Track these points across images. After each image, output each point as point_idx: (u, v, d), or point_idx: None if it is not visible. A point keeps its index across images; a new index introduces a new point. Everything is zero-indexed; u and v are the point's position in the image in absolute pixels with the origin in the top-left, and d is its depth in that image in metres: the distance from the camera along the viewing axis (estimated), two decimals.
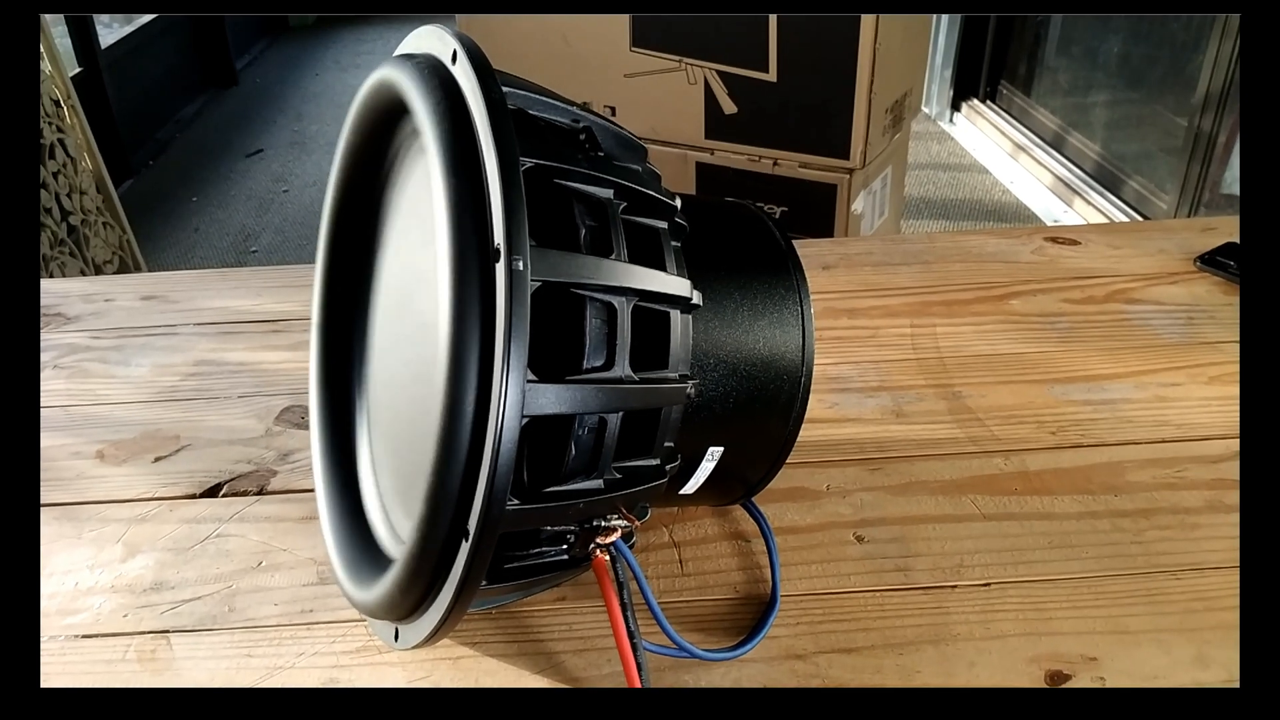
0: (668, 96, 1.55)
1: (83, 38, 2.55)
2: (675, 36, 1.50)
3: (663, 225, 0.41)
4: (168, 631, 0.48)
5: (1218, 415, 0.62)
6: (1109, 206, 2.24)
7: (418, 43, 0.43)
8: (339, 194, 0.51)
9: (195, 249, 2.40)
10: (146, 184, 2.74)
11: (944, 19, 2.84)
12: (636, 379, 0.38)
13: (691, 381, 0.42)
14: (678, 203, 0.43)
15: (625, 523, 0.40)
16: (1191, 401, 0.63)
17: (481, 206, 0.35)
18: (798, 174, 1.53)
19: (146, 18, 2.99)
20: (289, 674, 0.46)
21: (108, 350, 0.72)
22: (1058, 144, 2.50)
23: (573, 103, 0.42)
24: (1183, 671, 0.45)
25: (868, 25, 1.36)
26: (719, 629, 0.48)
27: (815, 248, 0.84)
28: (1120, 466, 0.58)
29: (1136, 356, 0.68)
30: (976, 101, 2.87)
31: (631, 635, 0.40)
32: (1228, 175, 1.93)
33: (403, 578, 0.39)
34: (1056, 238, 0.83)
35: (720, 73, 1.50)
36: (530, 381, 0.34)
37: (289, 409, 0.65)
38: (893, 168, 1.67)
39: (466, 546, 0.35)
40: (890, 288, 0.77)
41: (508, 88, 0.39)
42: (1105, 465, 0.58)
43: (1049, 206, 2.41)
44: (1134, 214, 2.17)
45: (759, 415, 0.46)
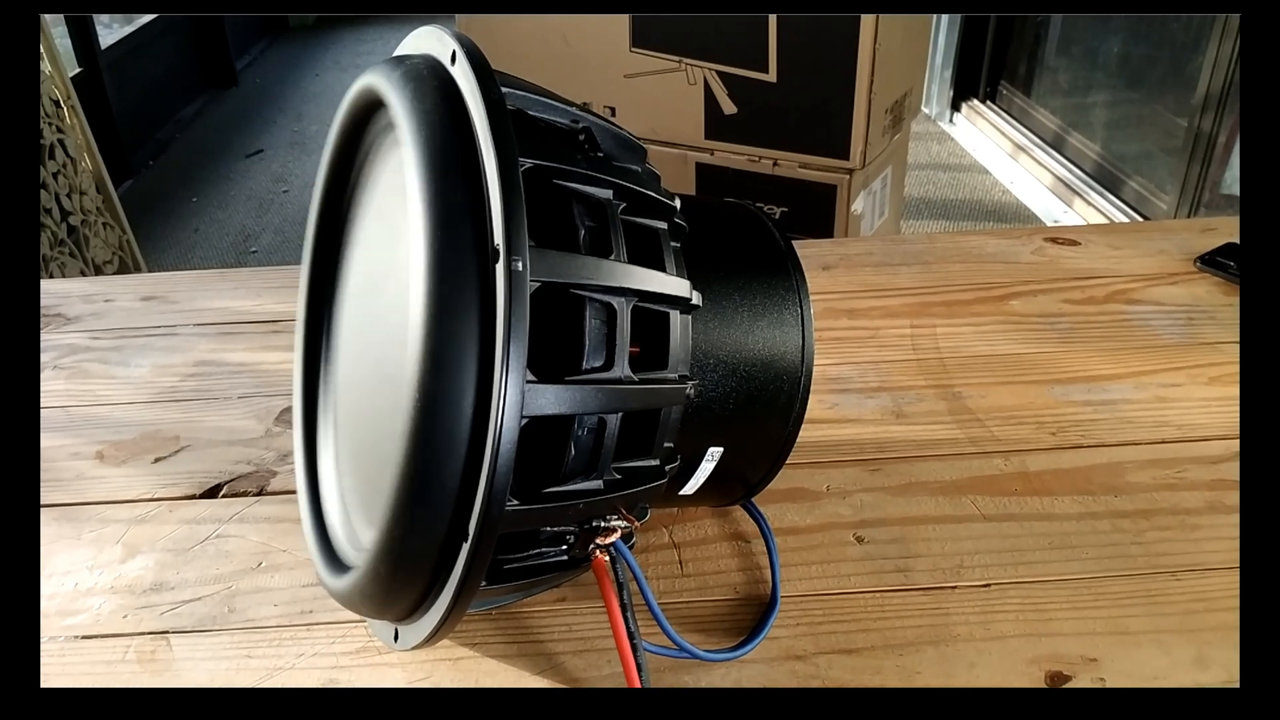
0: (667, 97, 1.55)
1: (83, 38, 2.55)
2: (675, 37, 1.50)
3: (662, 226, 0.41)
4: (167, 632, 0.48)
5: (1218, 416, 0.62)
6: (1109, 207, 2.24)
7: (417, 43, 0.43)
8: (323, 196, 0.51)
9: (195, 249, 2.40)
10: (146, 184, 2.74)
11: (944, 19, 2.84)
12: (636, 379, 0.38)
13: (691, 382, 0.42)
14: (677, 203, 0.43)
15: (625, 523, 0.40)
16: (1192, 402, 0.63)
17: (480, 206, 0.35)
18: (797, 174, 1.53)
19: (146, 18, 2.99)
20: (289, 675, 0.46)
21: (107, 351, 0.72)
22: (1058, 144, 2.50)
23: (572, 103, 0.42)
24: (1183, 672, 0.45)
25: (868, 25, 1.36)
26: (719, 630, 0.48)
27: (815, 248, 0.84)
28: (1120, 467, 0.58)
29: (1137, 357, 0.68)
30: (976, 102, 2.87)
31: (631, 636, 0.40)
32: (1228, 175, 1.93)
33: (364, 579, 0.38)
34: (1056, 238, 0.83)
35: (720, 73, 1.50)
36: (530, 382, 0.34)
37: (288, 409, 0.65)
38: (893, 168, 1.67)
39: (466, 547, 0.35)
40: (890, 288, 0.77)
41: (507, 88, 0.39)
42: (1105, 466, 0.58)
43: (1049, 207, 2.41)
44: (1134, 214, 2.17)
45: (759, 416, 0.46)
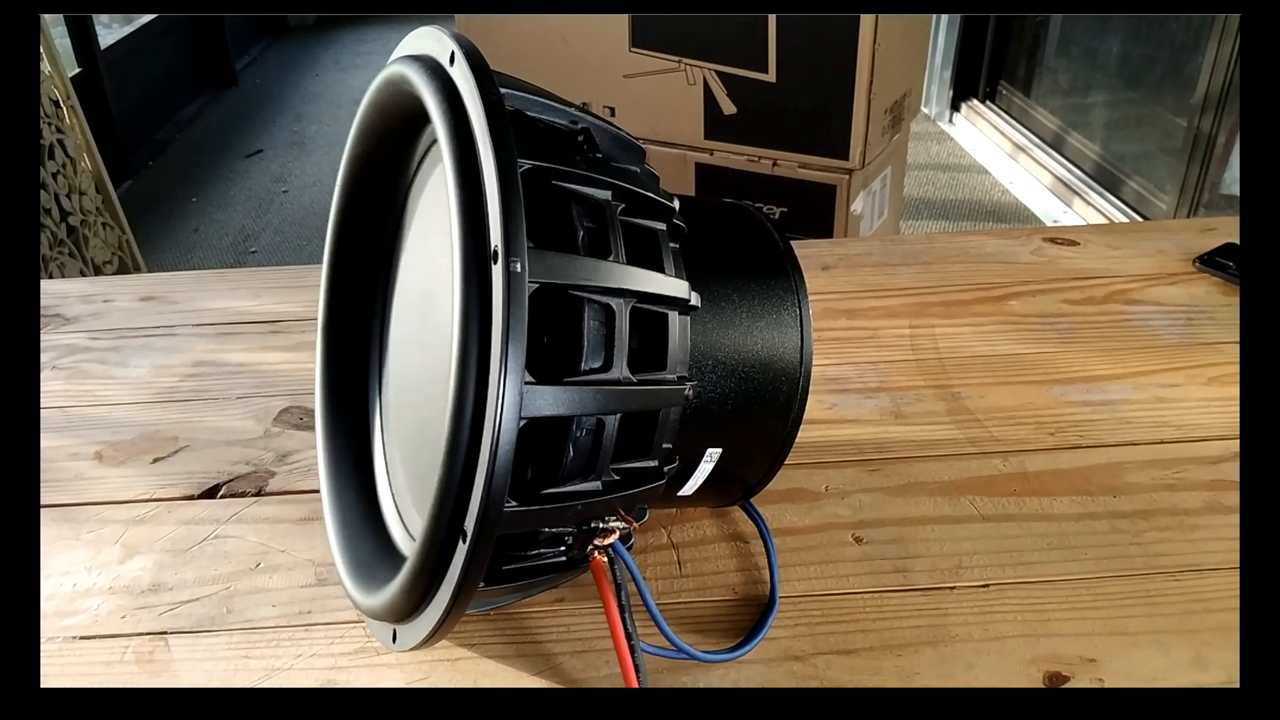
0: (667, 97, 1.55)
1: (82, 38, 2.55)
2: (674, 37, 1.50)
3: (661, 227, 0.41)
4: (166, 633, 0.48)
5: (1217, 416, 0.62)
6: (1108, 207, 2.24)
7: (416, 44, 0.43)
8: (346, 195, 0.51)
9: (195, 249, 2.40)
10: (146, 184, 2.74)
11: (944, 19, 2.84)
12: (635, 380, 0.38)
13: (690, 383, 0.42)
14: (676, 204, 0.43)
15: (623, 524, 0.40)
16: (1191, 402, 0.63)
17: (480, 209, 0.35)
18: (797, 174, 1.53)
19: (146, 18, 2.99)
20: (287, 675, 0.46)
21: (106, 351, 0.72)
22: (1057, 144, 2.50)
23: (571, 104, 0.42)
24: (1181, 673, 0.45)
25: (867, 25, 1.36)
26: (717, 630, 0.48)
27: (814, 248, 0.84)
28: (1119, 467, 0.57)
29: (1136, 357, 0.68)
30: (976, 102, 2.87)
31: (630, 637, 0.40)
32: (1227, 175, 1.93)
33: (409, 577, 0.39)
34: (1056, 238, 0.83)
35: (719, 73, 1.50)
36: (528, 383, 0.34)
37: (288, 410, 0.65)
38: (892, 168, 1.67)
39: (464, 548, 0.35)
40: (889, 288, 0.77)
41: (506, 89, 0.39)
42: (1104, 466, 0.58)
43: (1048, 207, 2.41)
44: (1133, 214, 2.17)
45: (757, 416, 0.46)
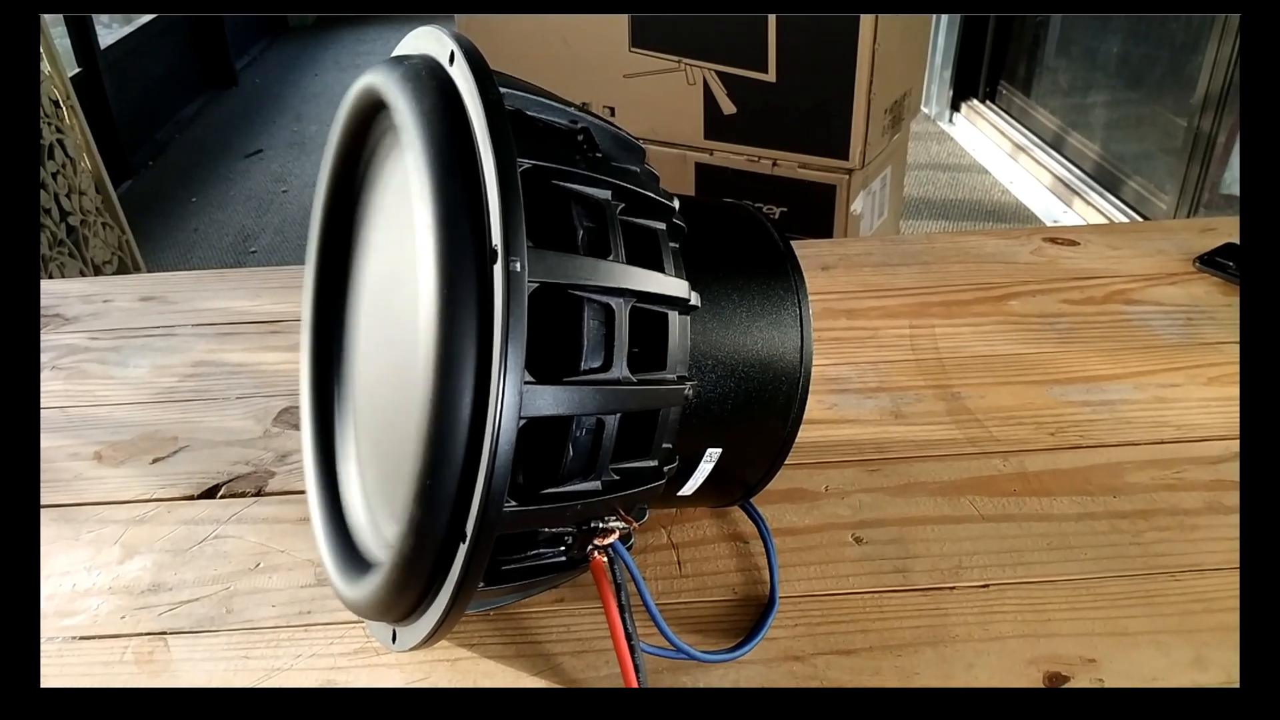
0: (667, 97, 1.55)
1: (82, 38, 2.55)
2: (674, 37, 1.50)
3: (661, 226, 0.41)
4: (165, 633, 0.48)
5: (1217, 416, 0.62)
6: (1108, 207, 2.24)
7: (415, 44, 0.43)
8: (328, 197, 0.51)
9: (194, 249, 2.40)
10: (146, 184, 2.74)
11: (944, 19, 2.84)
12: (634, 380, 0.38)
13: (689, 383, 0.42)
14: (676, 204, 0.43)
15: (623, 524, 0.40)
16: (1191, 402, 0.63)
17: (479, 207, 0.35)
18: (797, 174, 1.53)
19: (146, 18, 2.99)
20: (287, 675, 0.46)
21: (106, 351, 0.72)
22: (1057, 144, 2.50)
23: (571, 103, 0.42)
24: (1181, 673, 0.45)
25: (867, 25, 1.36)
26: (717, 630, 0.48)
27: (814, 248, 0.84)
28: (1119, 468, 0.57)
29: (1136, 357, 0.68)
30: (976, 102, 2.87)
31: (629, 637, 0.40)
32: (1227, 175, 1.93)
33: (390, 580, 0.38)
34: (1055, 238, 0.83)
35: (719, 73, 1.50)
36: (528, 383, 0.34)
37: (287, 410, 0.65)
38: (892, 168, 1.67)
39: (464, 548, 0.35)
40: (889, 288, 0.77)
41: (505, 88, 0.39)
42: (1104, 466, 0.58)
43: (1048, 207, 2.41)
44: (1133, 214, 2.17)
45: (757, 416, 0.46)
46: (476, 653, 0.46)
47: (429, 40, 0.41)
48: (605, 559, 0.40)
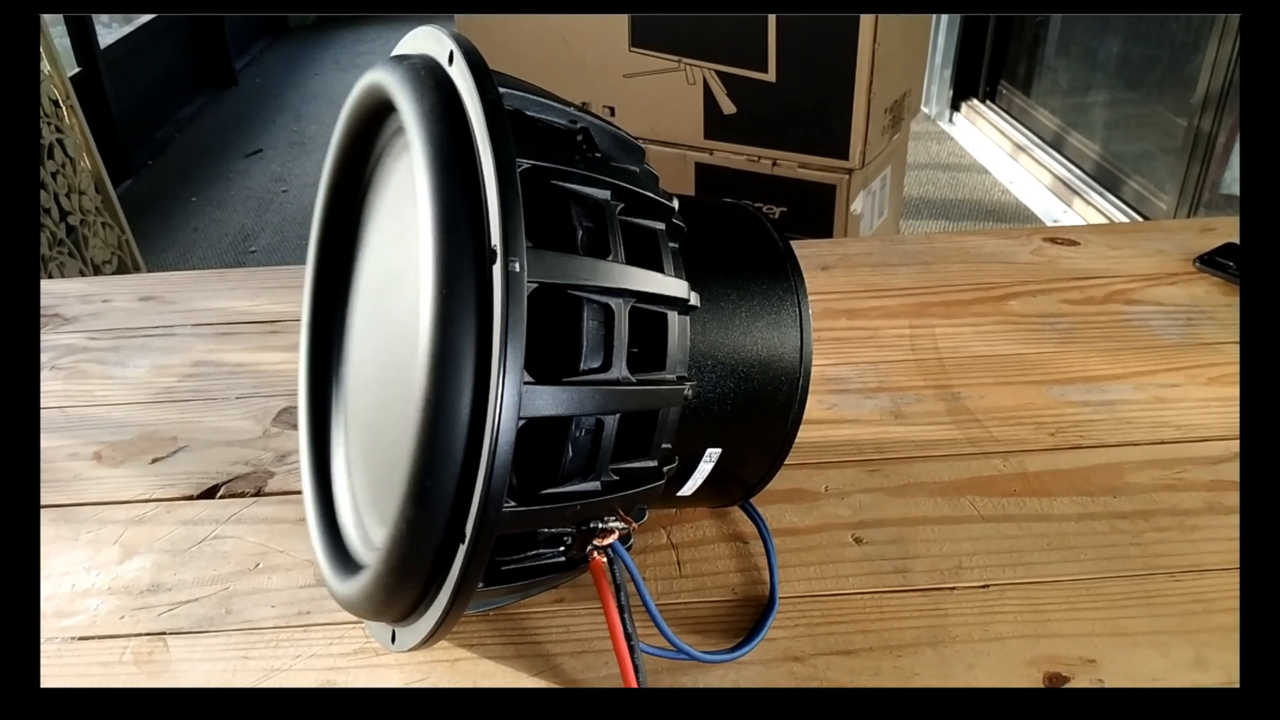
0: (667, 97, 1.54)
1: (82, 38, 2.55)
2: (674, 37, 1.50)
3: (660, 226, 0.41)
4: (165, 633, 0.48)
5: (1217, 416, 0.62)
6: (1108, 207, 2.24)
7: (414, 43, 0.43)
8: (328, 195, 0.51)
9: (194, 249, 2.40)
10: (145, 184, 2.74)
11: (944, 19, 2.84)
12: (634, 380, 0.38)
13: (689, 383, 0.41)
14: (675, 204, 0.43)
15: (623, 525, 0.40)
16: (1191, 402, 0.63)
17: (478, 208, 0.35)
18: (797, 174, 1.53)
19: (145, 18, 2.99)
20: (286, 676, 0.46)
21: (105, 351, 0.72)
22: (1057, 144, 2.50)
23: (570, 103, 0.42)
24: (1181, 673, 0.45)
25: (867, 25, 1.36)
26: (717, 631, 0.48)
27: (814, 248, 0.84)
28: (1119, 468, 0.57)
29: (1136, 357, 0.68)
30: (976, 101, 2.87)
31: (629, 637, 0.40)
32: (1227, 175, 1.93)
33: (378, 580, 0.38)
34: (1055, 238, 0.83)
35: (719, 73, 1.50)
36: (527, 383, 0.34)
37: (286, 410, 0.65)
38: (892, 168, 1.67)
39: (463, 549, 0.35)
40: (889, 288, 0.77)
41: (504, 88, 0.39)
42: (1104, 466, 0.58)
43: (1048, 207, 2.41)
44: (1133, 214, 2.17)
45: (757, 417, 0.46)
46: (476, 653, 0.46)
47: (428, 40, 0.41)
48: (605, 559, 0.40)
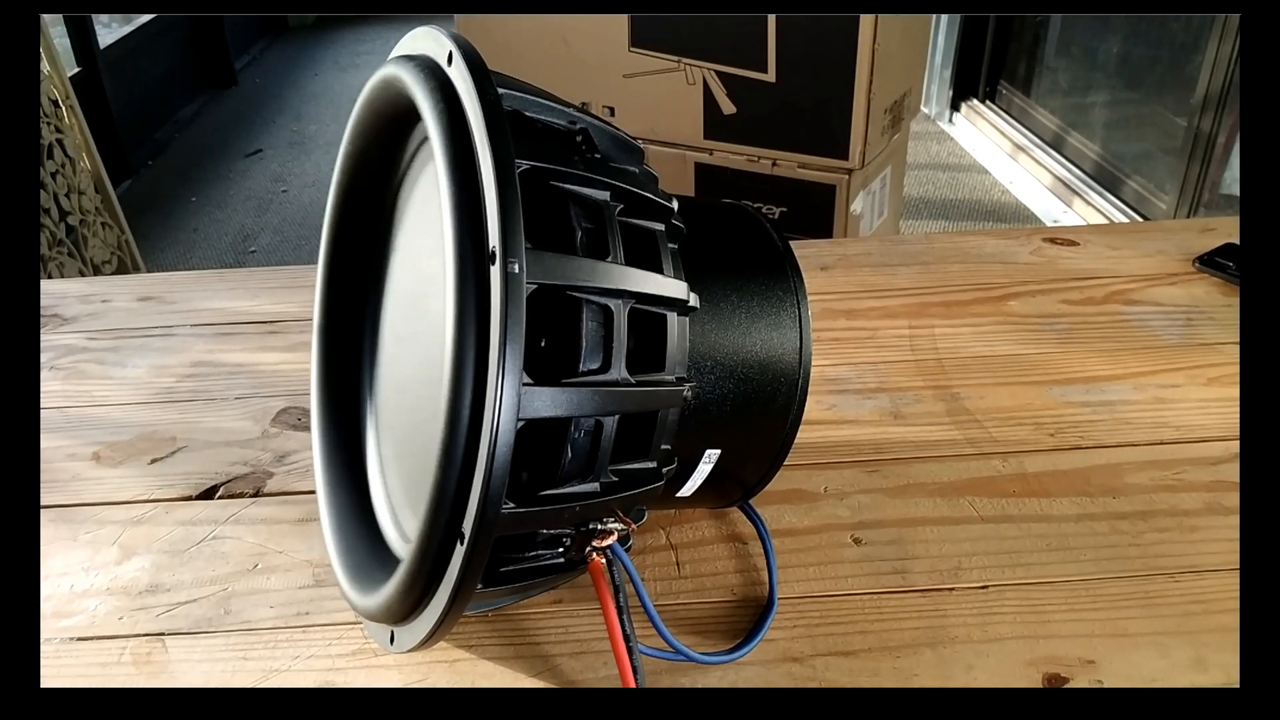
0: (666, 97, 1.54)
1: (81, 38, 2.55)
2: (674, 37, 1.50)
3: (659, 227, 0.41)
4: (163, 634, 0.48)
5: (1217, 417, 0.61)
6: (1108, 207, 2.24)
7: (414, 44, 0.43)
8: (341, 195, 0.51)
9: (194, 249, 2.40)
10: (145, 184, 2.74)
11: (943, 19, 2.84)
12: (633, 381, 0.38)
13: (688, 384, 0.41)
14: (674, 204, 0.43)
15: (622, 526, 0.40)
16: (1190, 403, 0.63)
17: (477, 209, 0.35)
18: (796, 174, 1.53)
19: (145, 18, 2.99)
20: (285, 677, 0.46)
21: (105, 351, 0.72)
22: (1057, 144, 2.50)
23: (569, 104, 0.42)
24: (1181, 674, 0.45)
25: (867, 25, 1.36)
26: (716, 632, 0.48)
27: (814, 248, 0.84)
28: (1119, 468, 0.57)
29: (1135, 358, 0.68)
30: (976, 102, 2.87)
31: (628, 638, 0.40)
32: (1227, 175, 1.93)
33: (405, 579, 0.39)
34: (1055, 238, 0.83)
35: (719, 73, 1.50)
36: (526, 384, 0.34)
37: (286, 410, 0.65)
38: (892, 168, 1.67)
39: (462, 550, 0.35)
40: (889, 289, 0.77)
41: (504, 89, 0.39)
42: (1104, 467, 0.58)
43: (1048, 207, 2.41)
44: (1133, 214, 2.17)
45: (756, 417, 0.46)
46: (475, 654, 0.46)
47: (427, 40, 0.41)
48: (604, 560, 0.40)
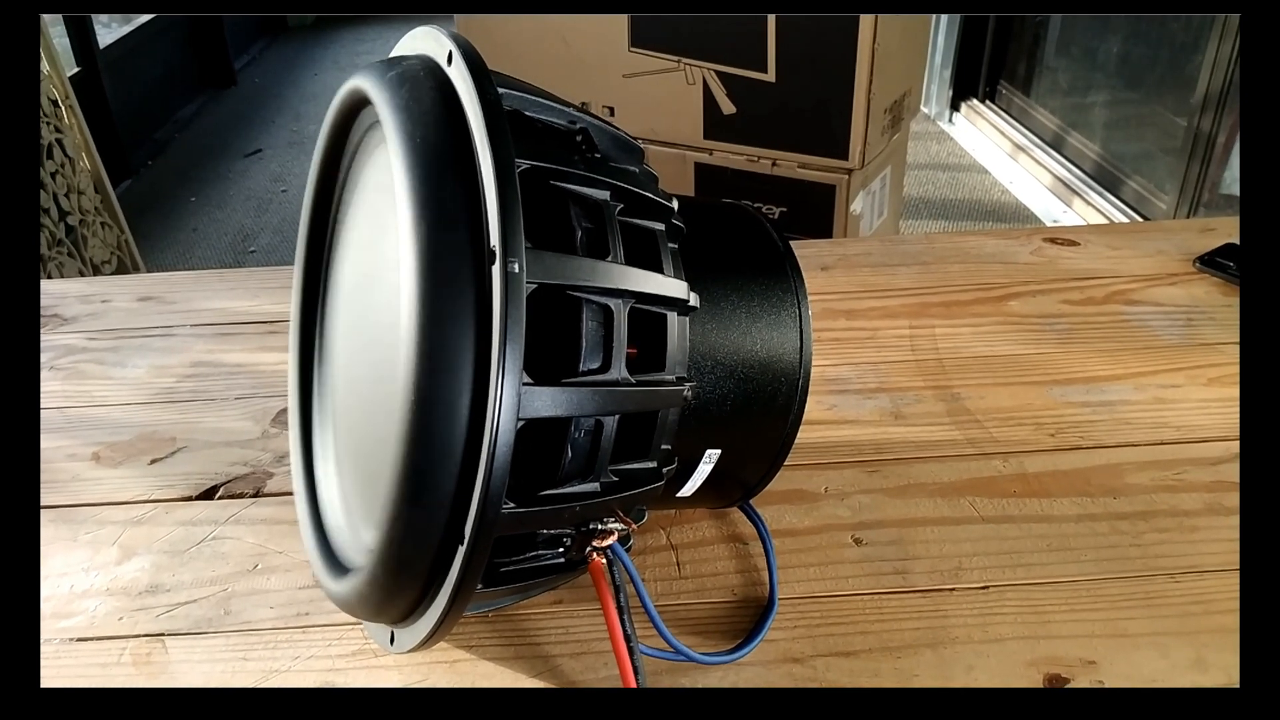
0: (666, 97, 1.54)
1: (81, 38, 2.55)
2: (674, 37, 1.50)
3: (659, 227, 0.41)
4: (163, 635, 0.48)
5: (1217, 417, 0.61)
6: (1108, 207, 2.24)
7: (413, 44, 0.43)
8: (314, 197, 0.51)
9: (194, 249, 2.40)
10: (145, 184, 2.74)
11: (943, 19, 2.84)
12: (633, 381, 0.38)
13: (688, 384, 0.41)
14: (674, 204, 0.43)
15: (622, 526, 0.40)
16: (1191, 403, 0.63)
17: (477, 208, 0.35)
18: (796, 174, 1.52)
19: (145, 18, 2.99)
20: (285, 677, 0.46)
21: (104, 351, 0.72)
22: (1057, 144, 2.50)
23: (569, 104, 0.42)
24: (1181, 675, 0.45)
25: (866, 25, 1.36)
26: (716, 632, 0.48)
27: (814, 248, 0.84)
28: (1119, 469, 0.57)
29: (1136, 358, 0.68)
30: (976, 101, 2.87)
31: (628, 639, 0.40)
32: (1227, 175, 1.93)
33: (370, 580, 0.38)
34: (1055, 238, 0.83)
35: (719, 73, 1.50)
36: (526, 384, 0.34)
37: (285, 410, 0.65)
38: (892, 168, 1.67)
39: (462, 550, 0.35)
40: (889, 289, 0.77)
41: (504, 89, 0.39)
42: (1104, 467, 0.58)
43: (1048, 207, 2.41)
44: (1133, 214, 2.17)
45: (757, 417, 0.46)
46: (475, 654, 0.46)
47: (427, 40, 0.41)
48: (604, 560, 0.40)
